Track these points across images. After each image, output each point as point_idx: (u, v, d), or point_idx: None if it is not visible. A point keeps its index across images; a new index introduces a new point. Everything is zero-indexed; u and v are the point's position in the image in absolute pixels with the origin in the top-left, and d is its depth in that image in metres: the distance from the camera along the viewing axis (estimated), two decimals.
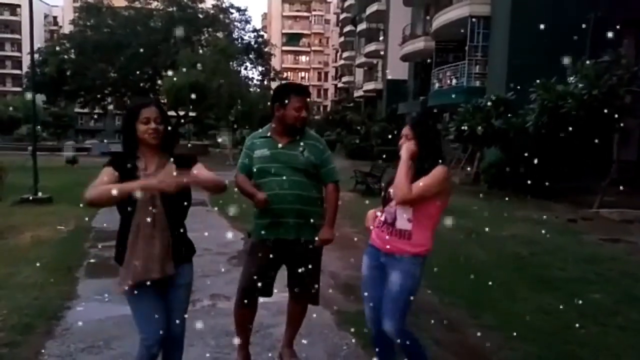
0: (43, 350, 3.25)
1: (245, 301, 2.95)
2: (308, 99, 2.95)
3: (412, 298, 2.57)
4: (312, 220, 2.89)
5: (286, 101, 2.83)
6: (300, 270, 2.91)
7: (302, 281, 2.96)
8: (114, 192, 2.03)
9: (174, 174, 2.18)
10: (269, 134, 2.93)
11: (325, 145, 3.00)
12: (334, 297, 4.57)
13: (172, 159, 2.35)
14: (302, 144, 2.88)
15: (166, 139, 2.34)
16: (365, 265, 2.73)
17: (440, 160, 2.55)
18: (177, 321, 2.43)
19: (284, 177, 2.81)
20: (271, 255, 2.85)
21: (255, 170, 2.89)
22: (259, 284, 2.87)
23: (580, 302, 4.42)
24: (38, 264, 5.22)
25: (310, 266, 2.93)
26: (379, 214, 2.71)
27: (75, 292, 4.42)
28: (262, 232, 2.87)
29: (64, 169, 17.03)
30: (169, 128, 2.37)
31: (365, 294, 2.72)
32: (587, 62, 10.58)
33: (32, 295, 4.25)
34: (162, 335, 2.34)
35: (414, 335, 2.66)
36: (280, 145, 2.87)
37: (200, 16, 34.36)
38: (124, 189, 2.06)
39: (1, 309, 3.91)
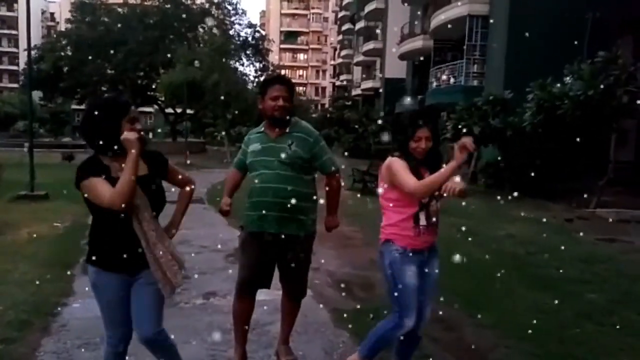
0: (39, 347, 3.24)
1: (242, 295, 2.98)
2: (287, 89, 2.87)
3: None
4: (299, 216, 2.86)
5: (265, 91, 2.85)
6: (287, 265, 2.92)
7: (290, 275, 2.97)
8: (131, 170, 2.07)
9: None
10: (262, 129, 2.96)
11: (316, 138, 2.93)
12: (331, 295, 4.58)
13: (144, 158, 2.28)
14: (290, 137, 2.87)
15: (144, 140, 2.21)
16: (412, 274, 2.64)
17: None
18: (144, 322, 2.31)
19: (271, 171, 2.82)
20: (261, 248, 2.86)
21: (248, 163, 2.95)
22: (254, 277, 2.91)
23: (577, 301, 4.44)
24: (34, 261, 5.21)
25: (297, 260, 2.92)
26: (422, 217, 2.65)
27: (72, 288, 4.41)
28: (250, 225, 2.91)
29: (60, 166, 16.99)
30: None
31: (414, 303, 2.64)
32: (584, 62, 10.60)
33: (28, 292, 4.24)
34: (128, 335, 2.32)
35: None
36: (271, 139, 2.89)
37: (194, 8, 34.20)
38: (133, 164, 2.08)
39: None
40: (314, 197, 2.96)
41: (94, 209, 2.20)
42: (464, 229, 7.55)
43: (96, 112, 2.18)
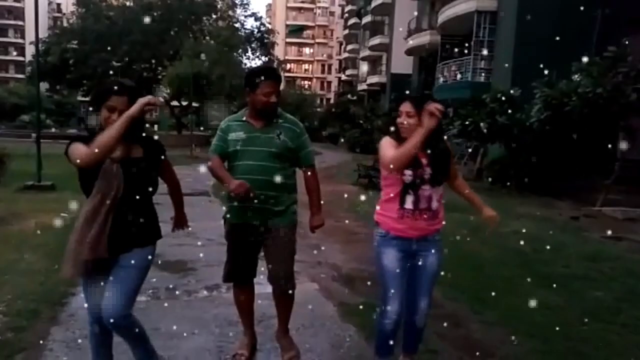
0: (48, 336, 3.27)
1: (237, 285, 3.03)
2: (278, 84, 2.84)
3: None
4: (282, 207, 2.87)
5: (256, 86, 2.78)
6: (273, 256, 2.90)
7: (276, 267, 2.92)
8: (119, 127, 2.05)
9: None
10: (244, 118, 2.88)
11: (302, 129, 2.93)
12: (337, 289, 4.59)
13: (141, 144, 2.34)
14: (278, 127, 2.85)
15: (131, 129, 2.14)
16: (391, 259, 2.56)
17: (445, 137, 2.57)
18: (108, 303, 2.28)
19: (256, 162, 2.77)
20: (240, 239, 2.87)
21: (230, 152, 2.84)
22: (243, 268, 2.93)
23: (583, 299, 4.44)
24: (42, 251, 5.24)
25: (280, 251, 2.90)
26: (408, 199, 2.52)
27: (79, 279, 4.42)
28: (232, 216, 2.88)
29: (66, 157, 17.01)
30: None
31: (395, 289, 2.56)
32: (592, 59, 10.51)
33: (36, 282, 4.27)
34: (97, 315, 2.34)
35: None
36: (256, 129, 2.83)
37: (199, 1, 34.11)
38: (122, 121, 2.06)
39: (6, 295, 3.93)
40: (296, 188, 2.96)
41: (85, 190, 2.27)
42: (469, 225, 7.54)
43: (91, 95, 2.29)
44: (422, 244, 2.59)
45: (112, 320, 2.28)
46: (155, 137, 2.48)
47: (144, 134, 2.36)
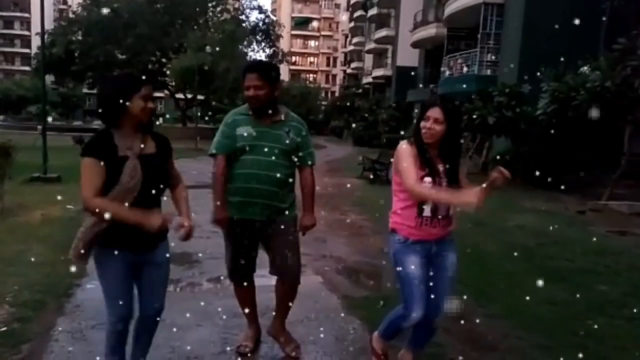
0: (54, 327, 3.29)
1: (236, 281, 3.04)
2: (257, 76, 2.77)
3: None
4: (285, 202, 2.89)
5: (242, 81, 2.81)
6: (278, 250, 2.90)
7: (279, 261, 2.92)
8: (125, 216, 2.14)
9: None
10: (250, 112, 2.86)
11: (307, 129, 2.96)
12: (341, 282, 4.60)
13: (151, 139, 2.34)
14: (287, 125, 2.86)
15: (151, 118, 2.29)
16: (414, 265, 2.53)
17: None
18: (154, 300, 2.42)
19: (264, 158, 2.77)
20: (240, 235, 2.87)
21: (237, 146, 2.80)
22: (244, 264, 2.93)
23: (588, 293, 4.42)
24: (48, 242, 5.27)
25: (285, 245, 2.90)
26: (426, 208, 2.50)
27: (85, 270, 4.41)
28: (233, 211, 2.85)
29: (71, 149, 17.12)
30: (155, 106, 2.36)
31: (418, 296, 2.53)
32: (600, 52, 10.42)
33: (42, 273, 4.30)
34: (127, 314, 2.34)
35: None
36: (264, 125, 2.82)
37: None
38: (125, 218, 2.13)
39: (13, 285, 3.96)
40: (294, 185, 2.98)
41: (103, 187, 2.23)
42: (474, 219, 7.52)
43: (110, 86, 2.26)
44: (441, 246, 2.60)
45: (158, 311, 2.45)
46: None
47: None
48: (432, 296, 2.57)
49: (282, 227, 2.86)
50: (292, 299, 3.05)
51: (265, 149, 2.77)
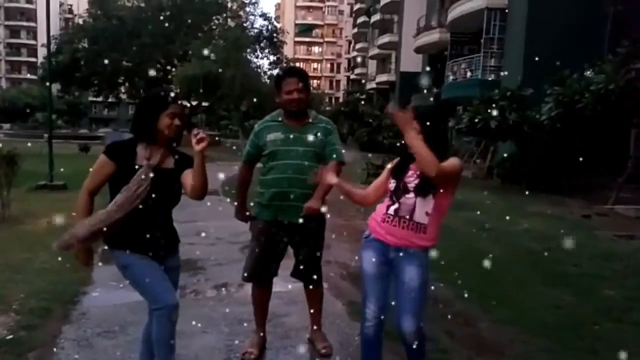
0: (60, 334, 3.30)
1: (258, 286, 3.07)
2: (301, 80, 2.89)
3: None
4: None
5: (280, 85, 2.88)
6: (301, 252, 2.99)
7: (307, 260, 3.01)
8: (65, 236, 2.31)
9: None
10: (280, 119, 2.95)
11: (334, 127, 3.03)
12: (346, 288, 4.59)
13: (176, 155, 2.42)
14: (316, 128, 2.92)
15: (178, 136, 2.39)
16: (368, 261, 2.53)
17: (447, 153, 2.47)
18: (175, 299, 2.46)
19: (294, 161, 2.84)
20: (272, 237, 2.91)
21: (267, 153, 2.91)
22: (268, 266, 2.97)
23: (594, 297, 4.39)
24: (54, 250, 5.28)
25: (310, 248, 2.98)
26: (391, 209, 2.49)
27: (91, 277, 4.47)
28: (262, 214, 2.94)
29: (77, 157, 17.23)
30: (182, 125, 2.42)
31: (370, 292, 2.53)
32: (604, 56, 10.40)
33: (48, 280, 4.32)
34: (174, 300, 2.35)
35: (425, 336, 2.57)
36: (294, 129, 2.89)
37: (209, 0, 34.23)
38: (74, 237, 2.29)
39: (19, 293, 3.98)
40: None
41: (113, 191, 2.32)
42: (479, 224, 7.51)
43: (142, 103, 2.46)
44: (401, 255, 2.45)
45: (176, 305, 2.39)
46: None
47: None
48: (397, 310, 2.48)
49: (311, 231, 2.93)
50: (320, 299, 3.19)
51: (295, 153, 2.85)
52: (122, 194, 2.26)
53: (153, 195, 2.28)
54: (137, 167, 2.29)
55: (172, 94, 2.38)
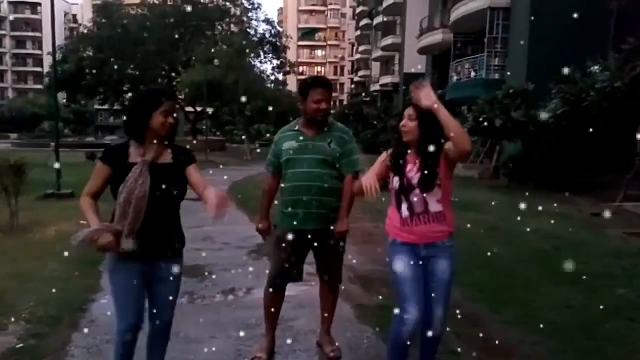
0: (70, 342, 3.32)
1: (275, 289, 3.10)
2: (329, 91, 2.97)
3: None
4: (332, 212, 2.96)
5: (307, 94, 2.92)
6: (326, 256, 3.04)
7: (328, 266, 3.09)
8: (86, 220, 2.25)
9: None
10: (297, 128, 3.02)
11: (351, 137, 3.05)
12: (354, 291, 4.58)
13: (170, 150, 2.40)
14: (330, 136, 2.95)
15: (173, 132, 2.38)
16: (403, 264, 2.52)
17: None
18: (162, 313, 2.45)
19: (309, 169, 2.89)
20: (294, 245, 2.93)
21: (283, 161, 2.99)
22: (288, 272, 3.01)
23: (605, 297, 4.35)
24: (62, 258, 5.28)
25: (336, 251, 3.04)
26: (404, 207, 2.51)
27: (100, 285, 4.49)
28: (285, 222, 2.98)
29: (84, 165, 17.34)
30: (177, 121, 2.42)
31: (411, 295, 2.50)
32: (608, 54, 10.35)
33: (58, 288, 4.33)
34: (136, 324, 2.37)
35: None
36: (308, 138, 2.95)
37: (212, 7, 34.38)
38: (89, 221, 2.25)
39: (28, 302, 4.00)
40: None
41: (115, 192, 2.32)
42: (487, 224, 7.47)
43: (134, 102, 2.48)
44: (432, 250, 2.53)
45: (166, 331, 2.49)
46: (187, 147, 2.52)
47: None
48: (428, 302, 2.53)
49: (333, 237, 2.96)
50: (336, 302, 3.25)
51: (309, 161, 2.90)
52: (122, 195, 2.25)
53: (156, 194, 2.26)
54: (130, 163, 2.28)
55: (164, 92, 2.38)
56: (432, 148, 2.40)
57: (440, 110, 2.33)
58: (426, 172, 2.45)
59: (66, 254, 4.32)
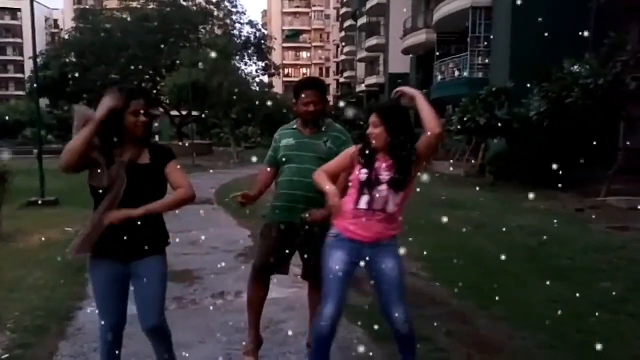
0: (57, 351, 3.27)
1: (257, 280, 3.09)
2: (320, 92, 2.99)
3: None
4: (322, 208, 2.90)
5: (298, 97, 2.99)
6: (307, 255, 3.00)
7: (312, 270, 2.99)
8: (89, 131, 2.14)
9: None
10: (295, 126, 3.09)
11: (349, 138, 3.07)
12: None
13: (148, 149, 2.37)
14: (326, 135, 3.01)
15: (148, 130, 2.33)
16: (337, 261, 2.52)
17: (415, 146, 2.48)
18: (147, 314, 2.38)
19: (303, 165, 2.94)
20: (282, 237, 2.96)
21: (280, 157, 3.05)
22: (271, 261, 3.00)
23: (591, 290, 4.41)
24: (48, 266, 5.25)
25: (315, 252, 2.91)
26: (363, 199, 2.47)
27: (86, 292, 4.43)
28: (275, 215, 3.03)
29: None
30: (150, 119, 2.36)
31: (333, 292, 2.53)
32: (589, 51, 10.51)
33: (43, 297, 4.28)
34: (116, 323, 2.37)
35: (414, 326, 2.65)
36: (305, 136, 3.02)
37: (194, 10, 34.21)
38: (86, 132, 2.15)
39: (14, 311, 3.93)
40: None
41: (94, 196, 2.30)
42: (473, 221, 7.53)
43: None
44: (376, 250, 2.52)
45: (155, 327, 2.39)
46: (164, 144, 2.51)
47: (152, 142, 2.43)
48: (384, 305, 2.56)
49: (317, 234, 2.91)
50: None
51: (305, 158, 2.96)
52: (106, 198, 2.23)
53: (131, 193, 2.23)
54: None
55: (131, 91, 2.32)
56: (404, 153, 2.44)
57: (417, 96, 2.46)
58: (398, 175, 2.44)
59: (59, 259, 4.28)
